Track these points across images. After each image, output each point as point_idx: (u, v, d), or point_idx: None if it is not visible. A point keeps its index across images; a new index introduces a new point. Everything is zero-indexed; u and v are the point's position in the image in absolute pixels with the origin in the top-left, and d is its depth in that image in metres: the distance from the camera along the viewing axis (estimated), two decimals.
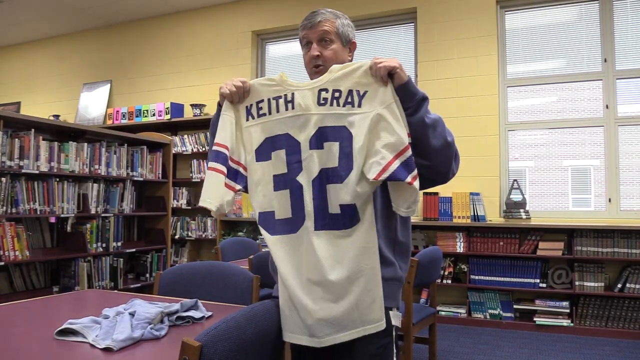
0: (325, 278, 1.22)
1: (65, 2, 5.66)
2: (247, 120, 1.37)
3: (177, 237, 5.36)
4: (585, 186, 4.38)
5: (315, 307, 1.22)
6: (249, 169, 1.36)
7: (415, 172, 1.21)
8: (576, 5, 4.42)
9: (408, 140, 1.22)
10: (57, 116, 6.41)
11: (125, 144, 3.95)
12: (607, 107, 4.26)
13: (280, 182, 1.31)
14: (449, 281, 4.30)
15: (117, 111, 5.86)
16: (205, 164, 5.32)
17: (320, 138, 1.28)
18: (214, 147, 1.33)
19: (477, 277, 4.24)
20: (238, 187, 1.34)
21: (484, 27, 4.54)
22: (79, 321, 1.29)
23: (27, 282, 3.39)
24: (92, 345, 1.18)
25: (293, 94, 1.33)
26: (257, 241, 4.33)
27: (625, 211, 4.15)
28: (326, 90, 1.30)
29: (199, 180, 5.34)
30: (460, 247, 4.31)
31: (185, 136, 5.44)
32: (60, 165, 3.38)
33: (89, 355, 1.14)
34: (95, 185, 3.64)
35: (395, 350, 1.36)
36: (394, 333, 1.35)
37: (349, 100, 1.27)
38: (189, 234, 5.35)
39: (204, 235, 5.29)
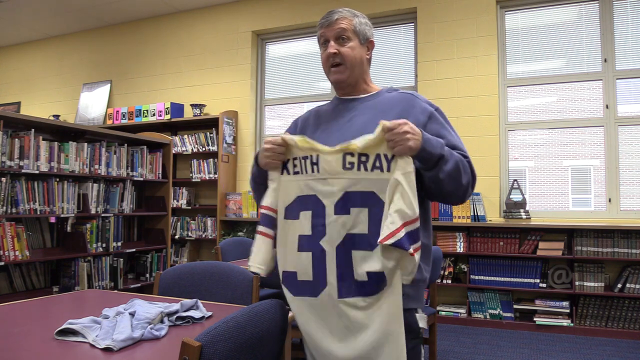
0: (350, 345, 1.23)
1: (65, 2, 5.66)
2: (283, 174, 1.36)
3: (177, 237, 5.36)
4: (585, 186, 4.38)
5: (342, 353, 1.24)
6: (278, 224, 1.35)
7: (419, 244, 1.21)
8: (576, 5, 4.42)
9: (418, 213, 1.21)
10: (57, 116, 6.42)
11: (125, 144, 3.95)
12: (607, 107, 4.26)
13: (304, 243, 1.29)
14: (449, 281, 4.30)
15: (117, 111, 5.86)
16: (205, 164, 5.32)
17: (346, 203, 1.25)
18: (263, 211, 1.35)
19: (477, 277, 4.24)
20: None
21: (484, 27, 4.54)
22: (79, 321, 1.29)
23: (27, 282, 3.39)
24: (92, 345, 1.18)
25: (318, 156, 1.29)
26: None
27: (625, 211, 4.15)
28: (352, 154, 1.25)
29: (198, 180, 5.34)
30: (460, 247, 4.31)
31: (185, 136, 5.44)
32: (60, 165, 3.38)
33: (89, 355, 1.14)
34: (95, 185, 3.64)
35: (422, 351, 1.39)
36: (420, 335, 1.36)
37: (377, 164, 1.23)
38: (189, 234, 5.35)
39: (204, 235, 5.29)
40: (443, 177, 1.27)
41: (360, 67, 1.48)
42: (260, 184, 1.45)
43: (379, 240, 1.18)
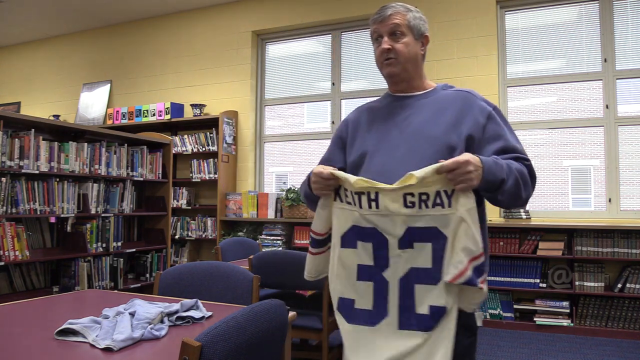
0: None
1: (65, 2, 5.66)
2: (336, 200, 1.36)
3: (177, 237, 5.36)
4: (585, 186, 4.38)
5: None
6: (332, 251, 1.37)
7: (485, 275, 1.22)
8: (576, 5, 4.42)
9: (482, 248, 1.21)
10: (57, 116, 6.42)
11: (125, 144, 3.95)
12: (607, 107, 4.26)
13: (365, 273, 1.30)
14: None
15: (117, 111, 5.86)
16: (205, 164, 5.32)
17: (410, 238, 1.25)
18: (314, 235, 1.40)
19: None
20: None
21: (484, 27, 4.54)
22: (79, 321, 1.29)
23: (27, 282, 3.39)
24: (92, 345, 1.18)
25: (377, 193, 1.28)
26: (257, 241, 4.33)
27: (625, 211, 4.15)
28: (412, 194, 1.24)
29: (198, 180, 5.34)
30: None
31: (185, 136, 5.44)
32: (60, 165, 3.38)
33: (89, 355, 1.14)
34: (95, 185, 3.64)
35: (476, 346, 1.43)
36: (476, 332, 1.40)
37: (438, 201, 1.23)
38: (189, 234, 5.35)
39: (204, 235, 5.29)
40: (502, 198, 1.28)
41: (414, 63, 1.45)
42: (314, 202, 1.44)
43: (448, 280, 1.19)
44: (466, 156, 1.19)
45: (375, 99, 1.62)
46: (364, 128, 1.51)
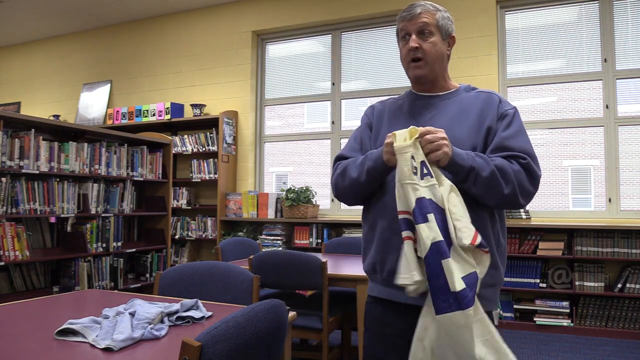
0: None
1: (65, 2, 5.66)
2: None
3: (177, 237, 5.36)
4: (585, 186, 4.38)
5: None
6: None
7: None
8: (576, 5, 4.42)
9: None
10: (57, 116, 6.42)
11: (125, 144, 3.95)
12: (607, 107, 4.26)
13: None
14: None
15: (117, 111, 5.86)
16: (205, 164, 5.32)
17: (421, 210, 1.20)
18: (402, 216, 1.25)
19: None
20: None
21: (484, 27, 4.54)
22: (79, 321, 1.29)
23: (27, 282, 3.39)
24: (92, 345, 1.18)
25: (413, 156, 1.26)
26: (257, 241, 4.33)
27: (625, 211, 4.15)
28: (413, 158, 1.23)
29: (198, 180, 5.34)
30: None
31: (185, 136, 5.44)
32: (60, 165, 3.38)
33: (89, 355, 1.14)
34: (96, 185, 3.64)
35: None
36: None
37: (425, 171, 1.23)
38: (189, 234, 5.35)
39: (204, 235, 5.29)
40: (477, 191, 1.29)
41: (440, 63, 1.45)
42: (376, 178, 1.38)
43: (469, 242, 1.17)
44: (440, 129, 1.26)
45: (395, 96, 1.62)
46: (387, 123, 1.51)
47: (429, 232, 1.18)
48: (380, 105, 1.60)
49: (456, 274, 1.16)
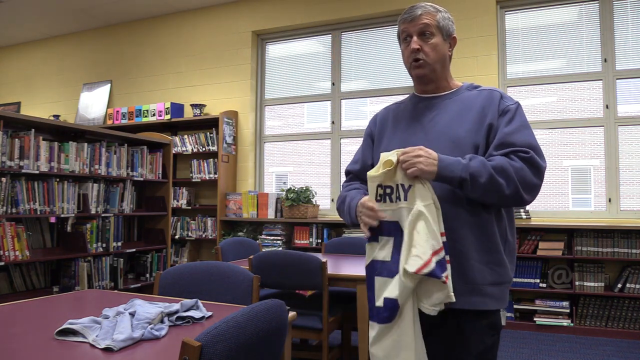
0: None
1: (65, 2, 5.66)
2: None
3: (177, 237, 5.36)
4: (585, 186, 4.38)
5: None
6: None
7: (448, 271, 1.24)
8: (576, 5, 4.42)
9: (442, 241, 1.24)
10: (57, 116, 6.42)
11: (125, 144, 3.95)
12: (607, 107, 4.26)
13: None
14: None
15: (117, 111, 5.86)
16: (205, 164, 5.32)
17: (377, 231, 1.34)
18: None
19: None
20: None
21: (484, 27, 4.54)
22: (79, 321, 1.29)
23: (27, 282, 3.39)
24: (92, 345, 1.18)
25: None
26: (257, 241, 4.33)
27: (625, 211, 4.15)
28: (381, 186, 1.33)
29: (198, 180, 5.34)
30: None
31: (185, 136, 5.44)
32: (60, 165, 3.38)
33: (89, 355, 1.14)
34: (96, 185, 3.64)
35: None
36: (500, 331, 1.43)
37: (398, 195, 1.30)
38: (189, 234, 5.35)
39: (204, 235, 5.29)
40: (476, 196, 1.30)
41: (442, 64, 1.46)
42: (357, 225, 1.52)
43: (413, 271, 1.21)
44: (419, 147, 1.30)
45: (400, 98, 1.64)
46: (390, 128, 1.53)
47: (381, 251, 1.32)
48: (384, 111, 1.62)
49: (383, 292, 1.28)
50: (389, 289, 1.26)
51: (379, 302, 1.28)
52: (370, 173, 1.34)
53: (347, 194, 1.54)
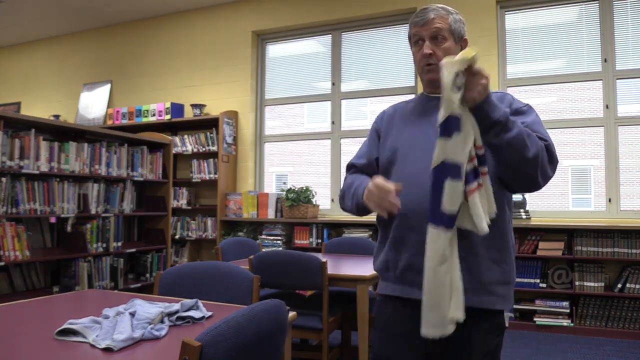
0: None
1: (65, 2, 5.66)
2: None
3: (177, 237, 5.36)
4: (585, 186, 4.38)
5: None
6: None
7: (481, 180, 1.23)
8: (576, 5, 4.42)
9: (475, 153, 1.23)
10: (57, 116, 6.42)
11: (126, 144, 3.95)
12: (607, 107, 4.26)
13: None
14: None
15: (117, 111, 5.86)
16: (205, 164, 5.32)
17: (448, 126, 1.26)
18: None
19: None
20: None
21: (484, 27, 4.54)
22: (79, 321, 1.29)
23: (27, 282, 3.39)
24: (92, 345, 1.18)
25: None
26: (257, 241, 4.33)
27: (625, 211, 4.15)
28: (458, 75, 1.23)
29: (199, 180, 5.34)
30: None
31: (186, 136, 5.44)
32: (61, 165, 3.39)
33: (89, 355, 1.14)
34: (96, 185, 3.65)
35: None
36: (504, 332, 1.46)
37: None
38: (189, 234, 5.35)
39: (204, 235, 5.29)
40: (500, 143, 1.22)
41: None
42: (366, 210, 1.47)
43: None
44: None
45: (400, 98, 1.63)
46: (398, 125, 1.51)
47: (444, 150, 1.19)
48: (391, 109, 1.61)
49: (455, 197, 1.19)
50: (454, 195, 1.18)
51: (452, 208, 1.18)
52: (448, 59, 1.22)
53: (356, 178, 1.50)
